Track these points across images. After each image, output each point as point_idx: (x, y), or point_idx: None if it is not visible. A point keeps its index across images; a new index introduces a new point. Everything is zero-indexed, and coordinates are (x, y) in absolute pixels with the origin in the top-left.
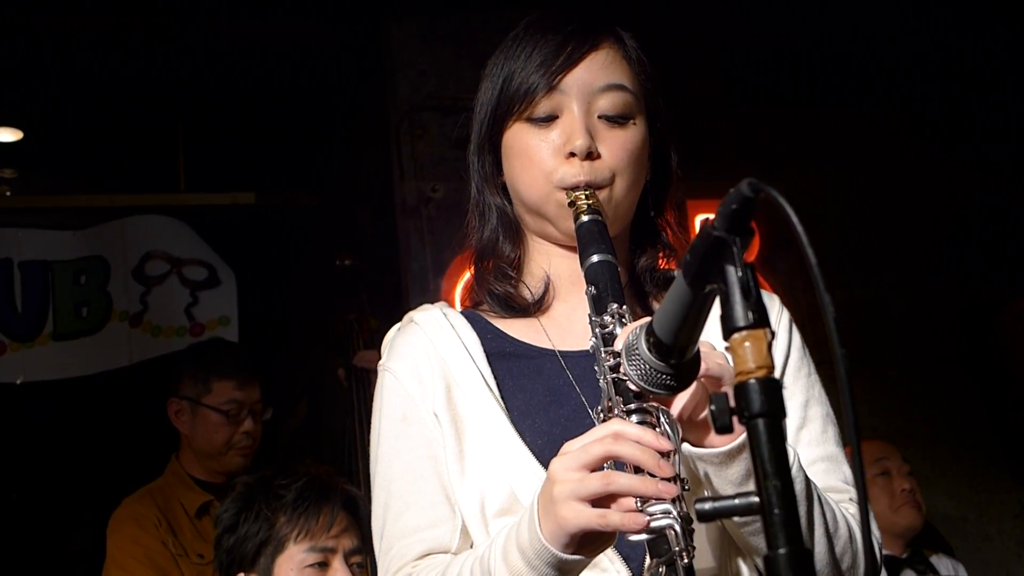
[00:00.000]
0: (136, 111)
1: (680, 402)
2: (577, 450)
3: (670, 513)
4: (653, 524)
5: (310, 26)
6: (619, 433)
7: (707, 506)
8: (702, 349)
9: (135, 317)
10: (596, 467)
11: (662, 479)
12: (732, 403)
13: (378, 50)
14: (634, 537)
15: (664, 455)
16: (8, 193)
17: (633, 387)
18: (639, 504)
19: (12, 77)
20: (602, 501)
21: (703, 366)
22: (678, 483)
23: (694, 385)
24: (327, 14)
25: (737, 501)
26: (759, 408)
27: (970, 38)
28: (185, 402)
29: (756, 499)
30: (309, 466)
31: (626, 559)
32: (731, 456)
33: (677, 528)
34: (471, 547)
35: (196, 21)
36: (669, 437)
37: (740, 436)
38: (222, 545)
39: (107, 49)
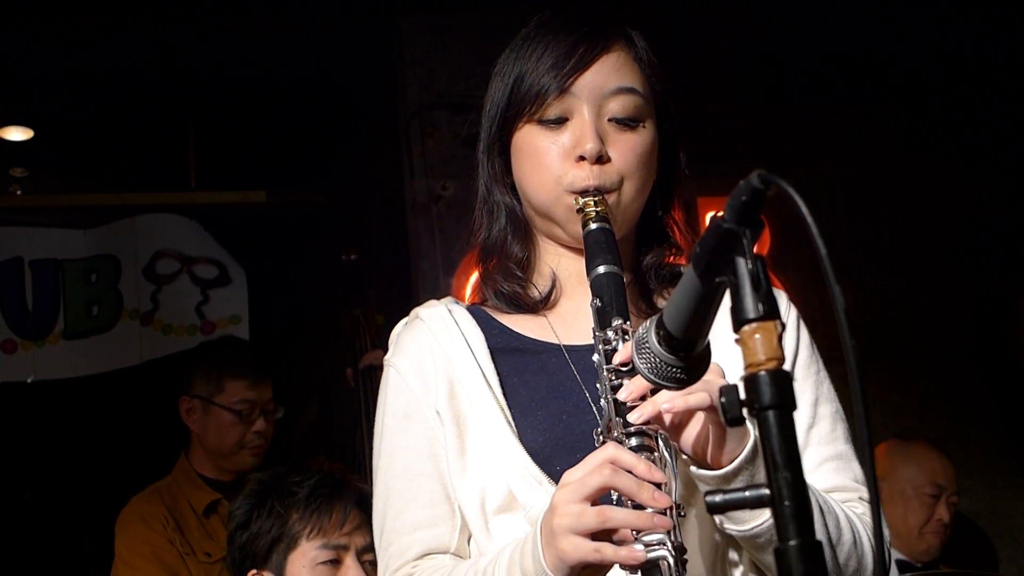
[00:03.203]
0: (146, 110)
1: (689, 439)
2: (576, 482)
3: (664, 544)
4: (648, 555)
5: (320, 24)
6: (614, 460)
7: (718, 498)
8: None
9: (146, 315)
10: (595, 498)
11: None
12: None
13: (388, 48)
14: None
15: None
16: (18, 192)
17: (644, 380)
18: (635, 534)
19: (22, 76)
20: (601, 533)
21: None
22: (673, 512)
23: (702, 417)
24: (337, 12)
25: (748, 493)
26: (770, 400)
27: (982, 34)
28: (197, 400)
29: (767, 491)
30: (322, 463)
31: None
32: (727, 479)
33: (670, 560)
34: (468, 541)
35: (206, 20)
36: (666, 462)
37: (737, 457)
38: (234, 542)
39: (117, 47)
